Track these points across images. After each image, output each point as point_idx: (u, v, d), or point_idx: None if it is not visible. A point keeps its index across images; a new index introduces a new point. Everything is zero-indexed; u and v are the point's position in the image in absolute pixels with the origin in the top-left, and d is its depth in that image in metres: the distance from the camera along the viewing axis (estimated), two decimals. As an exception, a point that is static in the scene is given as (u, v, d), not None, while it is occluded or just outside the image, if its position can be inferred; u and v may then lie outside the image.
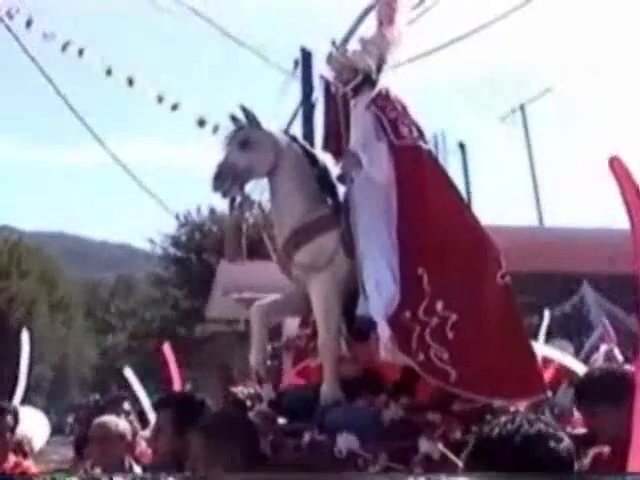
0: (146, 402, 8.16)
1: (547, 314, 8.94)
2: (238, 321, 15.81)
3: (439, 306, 4.97)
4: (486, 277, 5.18)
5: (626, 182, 3.29)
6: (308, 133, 12.62)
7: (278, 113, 14.76)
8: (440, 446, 4.59)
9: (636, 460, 3.01)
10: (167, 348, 8.08)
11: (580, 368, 6.61)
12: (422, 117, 5.52)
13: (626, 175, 3.31)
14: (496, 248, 5.31)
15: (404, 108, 5.45)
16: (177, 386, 7.64)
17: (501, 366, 5.03)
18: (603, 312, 12.10)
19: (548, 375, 6.07)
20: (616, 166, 3.36)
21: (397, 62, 5.80)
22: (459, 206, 5.41)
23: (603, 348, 8.24)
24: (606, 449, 4.35)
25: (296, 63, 15.37)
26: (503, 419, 2.74)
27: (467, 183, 18.14)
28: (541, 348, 6.83)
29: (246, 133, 5.42)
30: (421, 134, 5.42)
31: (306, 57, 14.76)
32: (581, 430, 4.75)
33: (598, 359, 7.87)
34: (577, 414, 5.21)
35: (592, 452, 4.35)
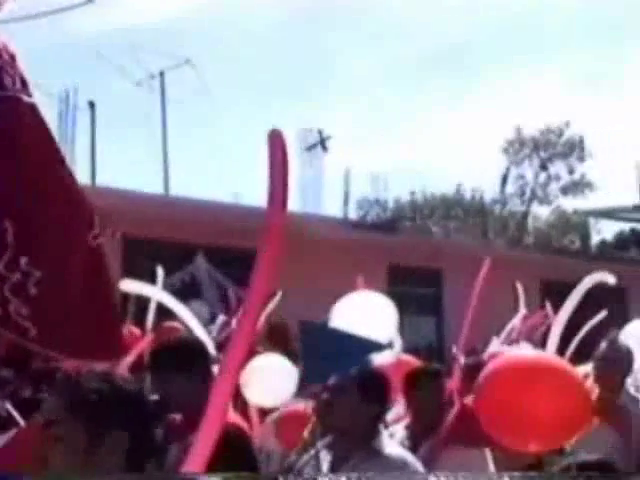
0: None
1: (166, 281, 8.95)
2: None
3: (23, 261, 4.87)
4: (77, 237, 5.13)
5: (279, 157, 3.18)
6: None
7: None
8: (7, 404, 4.52)
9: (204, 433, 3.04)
10: None
11: None
12: (52, 72, 5.36)
13: (281, 151, 3.22)
14: (90, 208, 5.28)
15: (12, 58, 5.28)
16: None
17: (84, 327, 5.02)
18: (214, 283, 12.45)
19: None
20: (275, 139, 3.24)
21: (16, 13, 5.62)
22: (56, 163, 5.31)
23: (220, 320, 8.50)
24: (178, 416, 4.44)
25: None
26: None
27: (93, 142, 17.99)
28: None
29: None
30: (26, 86, 5.27)
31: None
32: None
33: (213, 331, 8.10)
34: None
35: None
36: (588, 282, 5.51)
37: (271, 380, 6.05)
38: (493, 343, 8.53)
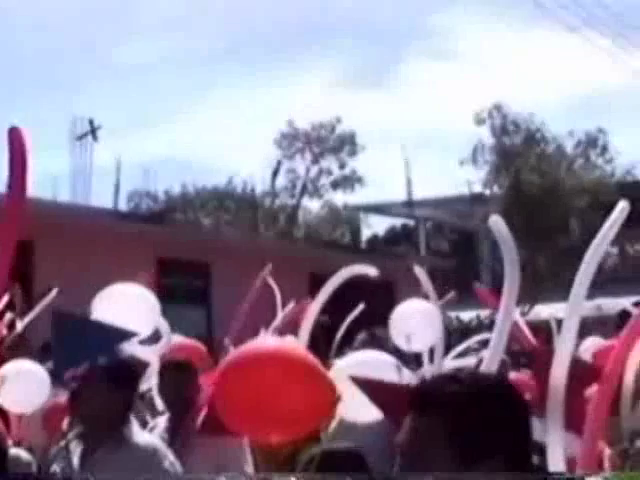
0: None
1: None
2: None
3: None
4: None
5: (18, 149, 3.16)
6: None
7: None
8: None
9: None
10: None
11: None
12: None
13: (20, 144, 3.19)
14: None
15: None
16: None
17: None
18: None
19: None
20: (14, 134, 3.23)
21: None
22: None
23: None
24: None
25: None
26: None
27: None
28: None
29: None
30: None
31: None
32: None
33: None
34: None
35: None
36: (345, 273, 5.49)
37: (23, 387, 5.84)
38: (261, 335, 8.50)
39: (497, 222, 3.72)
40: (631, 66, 41.86)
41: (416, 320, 7.07)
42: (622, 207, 3.40)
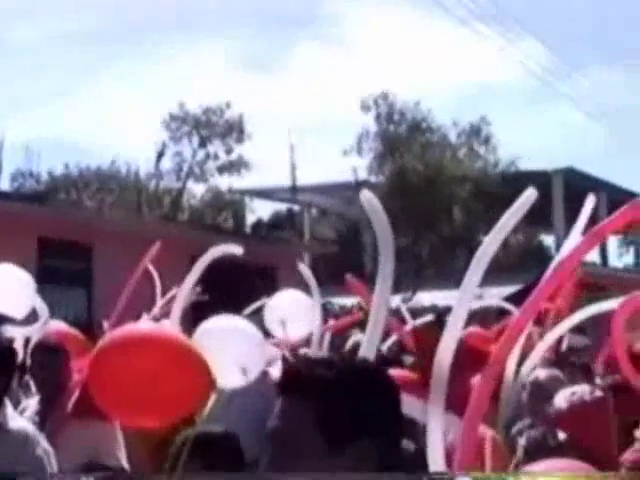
0: None
1: None
2: None
3: None
4: None
5: None
6: None
7: None
8: None
9: None
10: None
11: None
12: None
13: None
14: None
15: None
16: None
17: None
18: None
19: None
20: None
21: None
22: None
23: None
24: None
25: None
26: None
27: None
28: None
29: None
30: None
31: None
32: None
33: None
34: None
35: None
36: (213, 253, 5.47)
37: None
38: (143, 319, 8.40)
39: (370, 199, 3.60)
40: (517, 59, 42.72)
41: (292, 308, 7.08)
42: (529, 194, 3.20)
